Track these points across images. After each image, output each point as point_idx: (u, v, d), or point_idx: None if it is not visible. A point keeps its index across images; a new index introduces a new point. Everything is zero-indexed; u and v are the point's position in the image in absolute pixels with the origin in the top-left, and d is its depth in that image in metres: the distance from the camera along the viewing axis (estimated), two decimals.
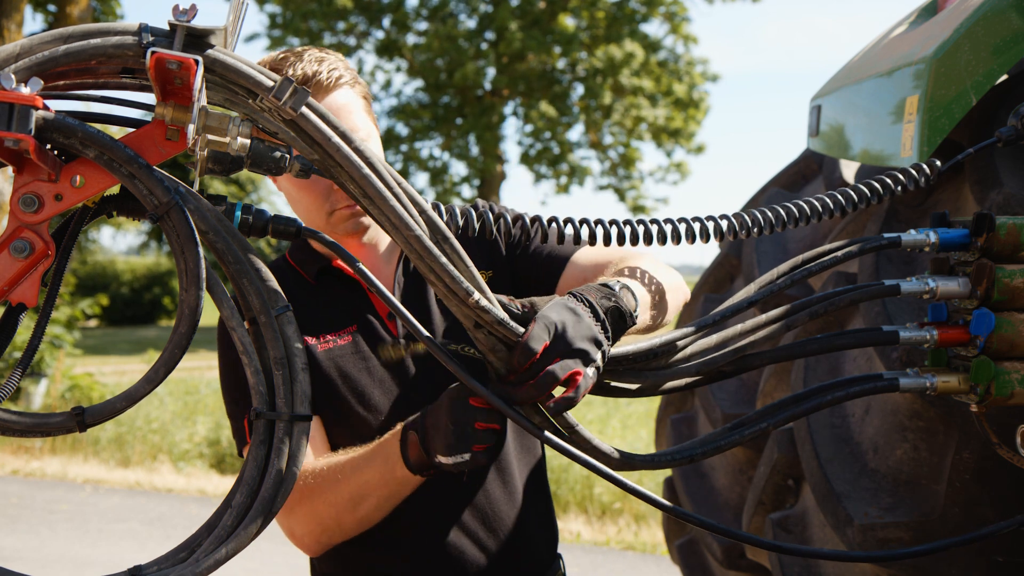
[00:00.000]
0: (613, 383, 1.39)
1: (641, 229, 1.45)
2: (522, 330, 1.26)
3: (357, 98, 1.74)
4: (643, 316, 1.47)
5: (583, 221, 1.43)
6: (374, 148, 1.68)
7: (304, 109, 1.19)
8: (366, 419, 1.74)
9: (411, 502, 1.66)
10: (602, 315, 1.32)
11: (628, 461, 1.41)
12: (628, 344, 1.41)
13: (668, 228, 1.47)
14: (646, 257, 1.65)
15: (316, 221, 1.73)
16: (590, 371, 1.27)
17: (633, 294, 1.42)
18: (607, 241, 1.43)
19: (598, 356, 1.29)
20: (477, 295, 1.25)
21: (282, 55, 1.70)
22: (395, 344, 1.77)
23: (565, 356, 1.25)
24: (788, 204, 1.53)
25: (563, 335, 1.25)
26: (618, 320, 1.35)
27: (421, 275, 1.28)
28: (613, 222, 1.44)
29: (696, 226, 1.47)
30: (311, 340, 1.75)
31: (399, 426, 1.56)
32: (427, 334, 1.33)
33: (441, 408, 1.46)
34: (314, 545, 1.71)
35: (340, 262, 1.79)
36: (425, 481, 1.58)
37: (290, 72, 1.65)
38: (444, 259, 1.25)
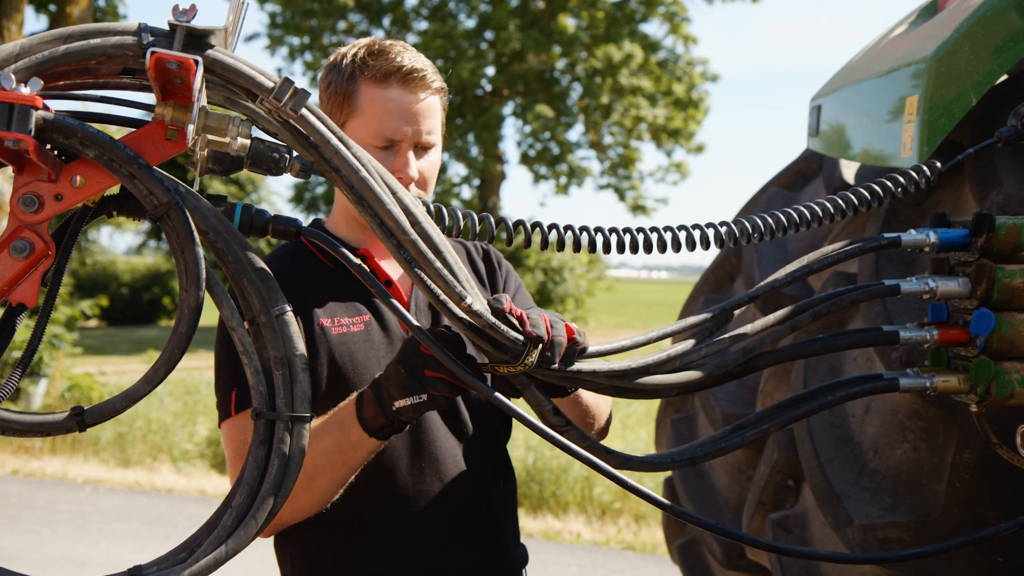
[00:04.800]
0: (619, 385, 1.39)
1: (641, 238, 1.44)
2: (514, 334, 1.30)
3: (440, 106, 1.84)
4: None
5: (583, 228, 1.43)
6: (438, 154, 1.82)
7: (304, 111, 1.19)
8: None
9: (380, 497, 1.69)
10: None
11: (625, 462, 1.41)
12: (637, 347, 1.44)
13: (668, 236, 1.46)
14: None
15: None
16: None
17: None
18: (607, 250, 1.44)
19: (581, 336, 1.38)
20: (470, 298, 1.28)
21: (388, 42, 1.78)
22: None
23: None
24: (789, 209, 1.52)
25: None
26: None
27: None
28: (613, 230, 1.43)
29: (696, 233, 1.46)
30: (326, 322, 1.76)
31: (354, 393, 1.56)
32: (418, 324, 1.36)
33: (393, 359, 1.48)
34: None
35: (365, 250, 1.83)
36: (393, 472, 1.61)
37: (397, 60, 1.73)
38: (438, 263, 1.27)
